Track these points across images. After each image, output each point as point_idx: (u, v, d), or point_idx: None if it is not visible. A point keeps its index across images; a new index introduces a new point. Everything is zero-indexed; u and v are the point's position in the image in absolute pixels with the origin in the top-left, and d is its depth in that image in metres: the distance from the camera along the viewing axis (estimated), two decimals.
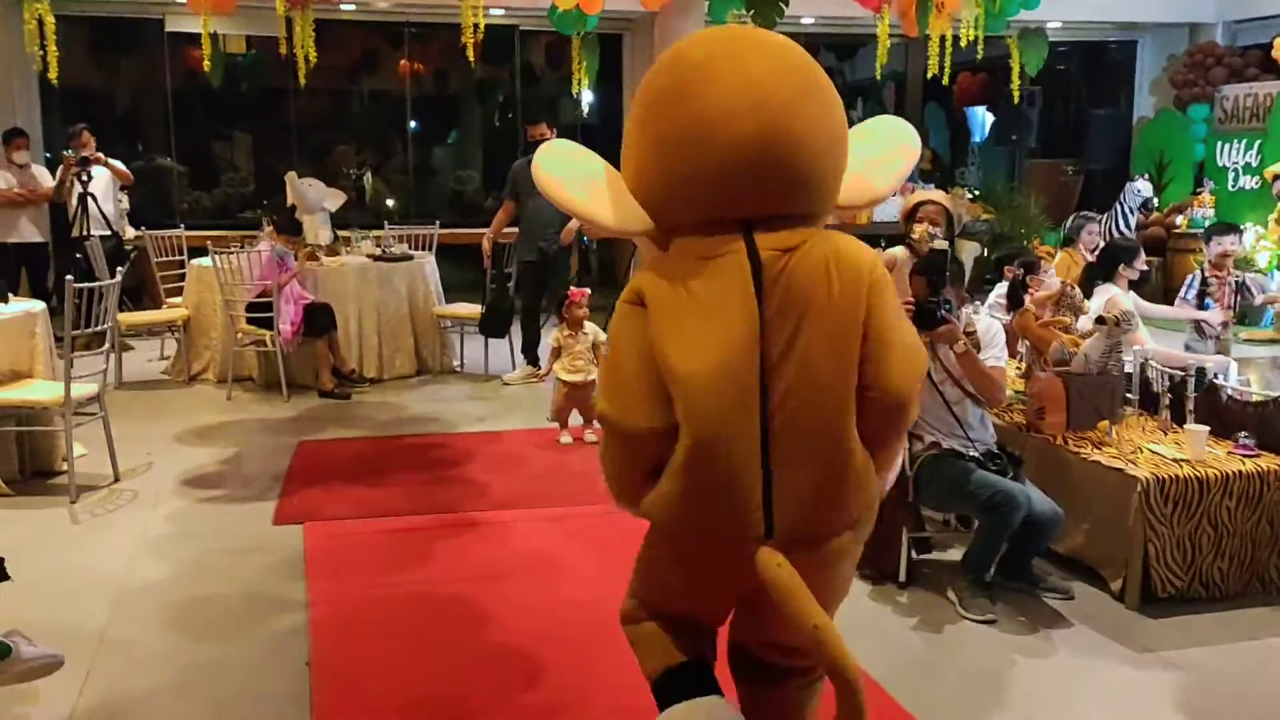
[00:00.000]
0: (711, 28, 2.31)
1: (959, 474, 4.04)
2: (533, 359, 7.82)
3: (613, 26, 10.87)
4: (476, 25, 9.40)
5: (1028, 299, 5.15)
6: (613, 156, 2.39)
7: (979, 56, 10.13)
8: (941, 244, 4.34)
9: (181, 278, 8.45)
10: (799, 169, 2.14)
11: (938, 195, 4.96)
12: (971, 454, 4.10)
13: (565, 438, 6.20)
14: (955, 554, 4.39)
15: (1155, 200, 11.24)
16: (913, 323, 4.00)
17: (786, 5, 9.62)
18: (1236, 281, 6.03)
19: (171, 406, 7.13)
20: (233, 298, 7.30)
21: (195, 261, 8.08)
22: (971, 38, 9.88)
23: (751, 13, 9.26)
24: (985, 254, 8.00)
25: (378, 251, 8.40)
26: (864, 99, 14.41)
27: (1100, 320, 4.52)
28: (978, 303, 5.16)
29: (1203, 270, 6.01)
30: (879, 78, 10.87)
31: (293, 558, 4.51)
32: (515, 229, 7.91)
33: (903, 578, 4.23)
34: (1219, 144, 11.47)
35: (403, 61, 12.18)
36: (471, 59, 9.49)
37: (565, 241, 7.68)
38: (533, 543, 4.69)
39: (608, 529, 4.75)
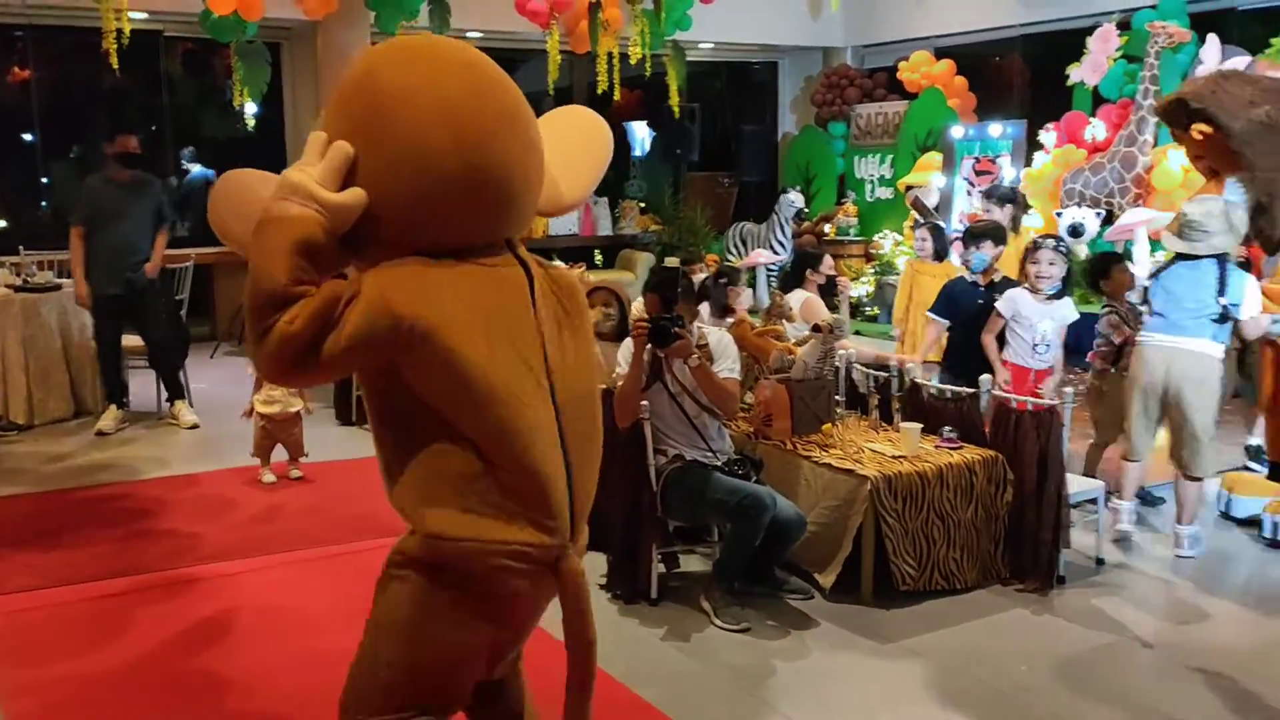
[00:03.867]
0: (403, 40, 2.12)
1: (704, 482, 4.10)
2: (119, 402, 7.05)
3: (271, 35, 10.26)
4: (120, 30, 8.59)
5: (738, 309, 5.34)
6: (273, 169, 2.18)
7: (647, 73, 10.45)
8: (673, 260, 4.40)
9: None
10: (503, 197, 2.08)
11: (610, 279, 5.13)
12: (714, 463, 4.18)
13: (268, 476, 5.71)
14: (703, 566, 4.46)
15: (807, 210, 12.09)
16: (649, 339, 4.06)
17: (450, 16, 9.51)
18: None
19: None
20: None
21: None
22: (640, 55, 10.18)
23: (432, 25, 9.06)
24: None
25: (18, 281, 7.43)
26: None
27: (816, 328, 4.76)
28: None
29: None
30: (551, 93, 10.96)
31: None
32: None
33: (654, 594, 4.24)
34: (856, 158, 12.52)
35: (20, 68, 10.90)
36: (115, 65, 8.65)
37: (153, 273, 6.89)
38: (261, 595, 4.29)
39: (345, 569, 4.47)
